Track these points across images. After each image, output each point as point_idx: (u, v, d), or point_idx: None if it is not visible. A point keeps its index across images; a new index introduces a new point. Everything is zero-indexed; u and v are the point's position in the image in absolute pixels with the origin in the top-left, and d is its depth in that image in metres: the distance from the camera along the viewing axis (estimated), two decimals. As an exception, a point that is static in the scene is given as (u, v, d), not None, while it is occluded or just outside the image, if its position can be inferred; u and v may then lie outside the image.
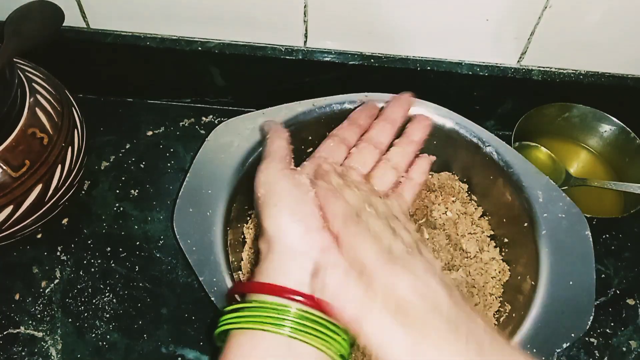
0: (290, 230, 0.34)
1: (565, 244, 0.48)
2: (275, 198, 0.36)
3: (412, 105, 0.50)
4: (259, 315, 0.31)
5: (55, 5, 0.54)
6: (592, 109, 0.63)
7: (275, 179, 0.37)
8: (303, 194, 0.36)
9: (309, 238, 0.34)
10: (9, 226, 0.50)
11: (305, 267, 0.33)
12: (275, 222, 0.35)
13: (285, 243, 0.34)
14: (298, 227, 0.34)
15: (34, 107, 0.50)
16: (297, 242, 0.34)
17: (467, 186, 0.59)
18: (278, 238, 0.34)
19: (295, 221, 0.34)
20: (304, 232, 0.34)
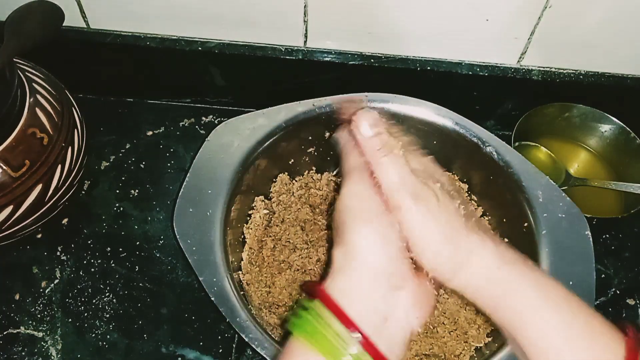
0: (378, 250, 0.34)
1: (565, 244, 0.48)
2: (369, 215, 0.35)
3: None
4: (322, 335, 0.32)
5: (55, 5, 0.54)
6: (592, 109, 0.63)
7: (368, 194, 0.36)
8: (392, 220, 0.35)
9: (394, 264, 0.34)
10: (9, 226, 0.50)
11: (382, 292, 0.33)
12: (364, 238, 0.34)
13: (370, 261, 0.34)
14: (387, 250, 0.34)
15: (34, 107, 0.50)
16: (382, 263, 0.34)
17: (467, 186, 0.59)
18: (363, 255, 0.34)
19: (385, 243, 0.34)
20: (390, 257, 0.34)
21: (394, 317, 0.33)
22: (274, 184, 0.58)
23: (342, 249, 0.35)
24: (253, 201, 0.56)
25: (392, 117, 0.55)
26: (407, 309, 0.34)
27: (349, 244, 0.34)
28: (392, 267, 0.34)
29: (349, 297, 0.33)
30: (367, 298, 0.33)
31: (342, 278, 0.34)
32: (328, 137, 0.55)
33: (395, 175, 0.35)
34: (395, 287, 0.34)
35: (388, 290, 0.33)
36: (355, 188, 0.36)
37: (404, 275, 0.34)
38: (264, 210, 0.56)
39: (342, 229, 0.35)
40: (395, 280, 0.34)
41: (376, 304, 0.33)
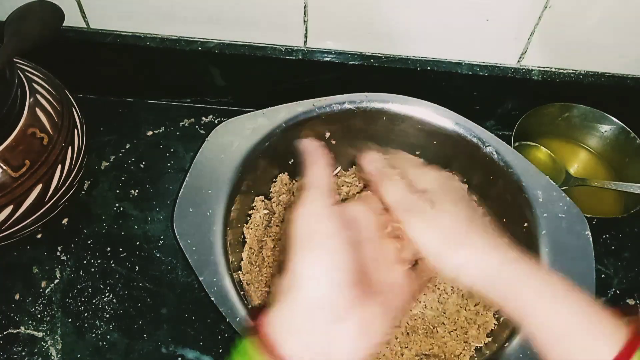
0: (322, 280, 0.32)
1: (565, 244, 0.48)
2: (316, 240, 0.33)
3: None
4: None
5: (55, 5, 0.54)
6: (592, 109, 0.63)
7: (321, 216, 0.34)
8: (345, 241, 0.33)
9: (338, 294, 0.32)
10: (9, 226, 0.50)
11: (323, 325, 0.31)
12: (309, 267, 0.32)
13: (312, 292, 0.32)
14: (333, 278, 0.32)
15: (34, 107, 0.50)
16: (325, 294, 0.32)
17: (467, 186, 0.58)
18: (306, 286, 0.32)
19: (329, 273, 0.32)
20: (335, 286, 0.32)
21: (337, 351, 0.31)
22: (274, 184, 0.58)
23: (285, 277, 0.33)
24: (253, 201, 0.56)
25: (392, 119, 0.55)
26: (352, 340, 0.32)
27: (293, 272, 0.32)
28: (336, 297, 0.32)
29: (287, 332, 0.31)
30: (307, 333, 0.31)
31: (282, 311, 0.32)
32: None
33: (393, 196, 0.38)
34: (339, 319, 0.31)
35: (331, 323, 0.31)
36: (310, 208, 0.34)
37: (349, 304, 0.32)
38: (264, 210, 0.56)
39: (289, 255, 0.33)
40: (339, 312, 0.31)
41: (317, 339, 0.31)
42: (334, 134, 0.57)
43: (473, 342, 0.50)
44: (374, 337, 0.33)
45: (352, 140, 0.59)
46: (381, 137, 0.58)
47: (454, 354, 0.49)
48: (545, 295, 0.35)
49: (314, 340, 0.31)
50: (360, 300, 0.32)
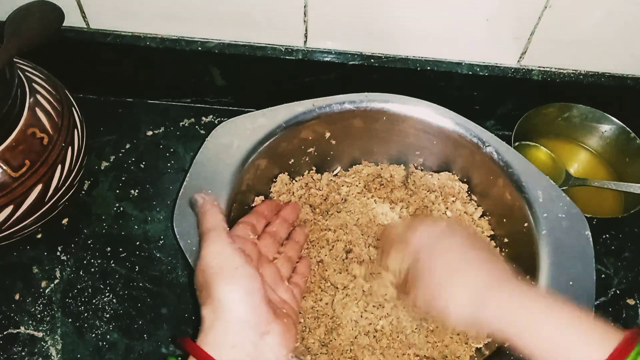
0: (243, 302, 0.37)
1: (565, 244, 0.48)
2: (230, 270, 0.38)
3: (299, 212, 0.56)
4: None
5: (55, 5, 0.55)
6: (592, 109, 0.63)
7: (228, 251, 0.40)
8: (254, 271, 0.39)
9: (258, 312, 0.38)
10: (9, 226, 0.50)
11: (251, 339, 0.37)
12: (229, 293, 0.37)
13: (236, 312, 0.37)
14: (250, 300, 0.38)
15: (34, 107, 0.50)
16: (248, 313, 0.37)
17: (467, 186, 0.59)
18: (229, 309, 0.37)
19: (248, 294, 0.38)
20: (255, 306, 0.38)
21: (264, 357, 0.37)
22: (274, 184, 0.58)
23: (210, 307, 0.38)
24: (253, 201, 0.56)
25: (392, 119, 0.55)
26: (275, 350, 0.37)
27: (216, 300, 0.37)
28: (257, 315, 0.37)
29: (220, 349, 0.36)
30: (238, 347, 0.36)
31: (213, 333, 0.37)
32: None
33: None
34: (262, 332, 0.37)
35: (256, 336, 0.37)
36: (215, 247, 0.40)
37: (268, 320, 0.38)
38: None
39: (207, 288, 0.38)
40: (261, 327, 0.37)
41: (247, 351, 0.36)
42: (334, 134, 0.57)
43: (473, 343, 0.50)
44: (292, 343, 0.39)
45: (352, 140, 0.59)
46: (381, 137, 0.58)
47: (455, 355, 0.49)
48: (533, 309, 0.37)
49: (246, 352, 0.36)
50: (272, 315, 0.38)
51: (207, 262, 0.39)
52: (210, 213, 0.43)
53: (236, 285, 0.38)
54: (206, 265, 0.39)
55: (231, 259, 0.39)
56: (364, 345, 0.49)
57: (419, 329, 0.50)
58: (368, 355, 0.48)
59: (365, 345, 0.49)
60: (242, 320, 0.37)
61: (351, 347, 0.49)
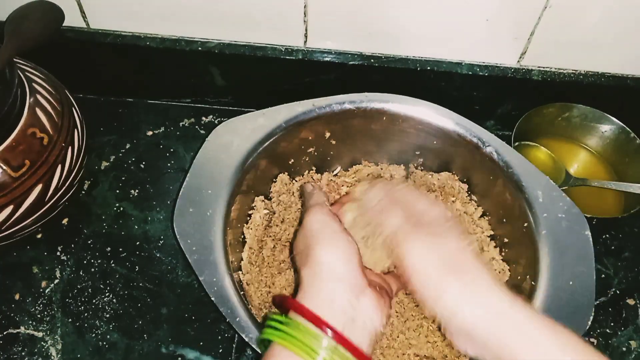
0: (341, 262, 0.39)
1: (565, 244, 0.48)
2: (331, 234, 0.41)
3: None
4: (296, 338, 0.35)
5: (55, 5, 0.55)
6: (592, 109, 0.63)
7: (331, 220, 0.42)
8: (352, 239, 0.41)
9: (354, 275, 0.39)
10: (9, 226, 0.50)
11: (348, 298, 0.37)
12: (329, 254, 0.39)
13: (335, 271, 0.38)
14: (348, 262, 0.39)
15: (34, 107, 0.50)
16: (345, 273, 0.38)
17: (467, 186, 0.59)
18: (329, 268, 0.38)
19: (346, 257, 0.39)
20: (351, 269, 0.39)
21: (360, 318, 0.37)
22: (274, 184, 0.58)
23: (309, 268, 0.39)
24: (253, 201, 0.56)
25: (392, 119, 0.55)
26: (369, 312, 0.38)
27: (316, 262, 0.39)
28: (354, 277, 0.38)
29: (320, 304, 0.37)
30: (336, 304, 0.37)
31: (312, 290, 0.38)
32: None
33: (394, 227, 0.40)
34: (358, 294, 0.38)
35: (352, 297, 0.37)
36: (317, 217, 0.42)
37: (362, 284, 0.38)
38: (264, 210, 0.56)
39: (307, 252, 0.40)
40: (357, 289, 0.38)
41: (344, 308, 0.37)
42: (334, 134, 0.57)
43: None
44: (386, 310, 0.39)
45: (352, 140, 0.59)
46: (381, 137, 0.58)
47: (455, 355, 0.49)
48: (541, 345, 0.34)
49: (343, 309, 0.37)
50: (367, 282, 0.39)
51: (308, 228, 0.42)
52: (316, 193, 0.47)
53: (334, 248, 0.39)
54: (308, 230, 0.41)
55: (331, 225, 0.41)
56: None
57: (419, 329, 0.50)
58: (368, 355, 0.48)
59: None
60: (339, 279, 0.38)
61: (351, 347, 0.49)
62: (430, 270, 0.37)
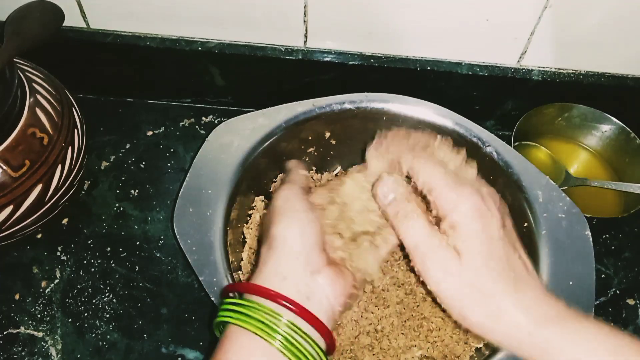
0: (297, 238, 0.37)
1: (565, 244, 0.48)
2: (292, 211, 0.39)
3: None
4: (255, 318, 0.34)
5: (55, 5, 0.55)
6: (592, 109, 0.63)
7: (296, 198, 0.41)
8: (315, 219, 0.39)
9: (310, 252, 0.37)
10: (9, 226, 0.50)
11: (302, 275, 0.36)
12: (286, 229, 0.38)
13: (290, 247, 0.37)
14: (305, 239, 0.38)
15: (34, 107, 0.50)
16: (301, 250, 0.37)
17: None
18: (284, 243, 0.37)
19: (304, 234, 0.38)
20: (308, 246, 0.37)
21: (315, 297, 0.36)
22: (274, 184, 0.58)
23: (266, 244, 0.38)
24: (253, 201, 0.56)
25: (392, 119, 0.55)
26: (325, 291, 0.36)
27: (273, 236, 0.38)
28: (309, 254, 0.37)
29: (273, 282, 0.36)
30: (289, 280, 0.36)
31: (265, 269, 0.37)
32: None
33: (411, 240, 0.36)
34: (313, 271, 0.37)
35: (307, 274, 0.36)
36: (284, 193, 0.41)
37: (320, 262, 0.37)
38: (264, 210, 0.56)
39: (268, 227, 0.39)
40: (312, 266, 0.37)
41: (298, 285, 0.36)
42: (334, 134, 0.57)
43: (473, 343, 0.50)
44: (345, 289, 0.38)
45: (352, 140, 0.59)
46: (381, 137, 0.58)
47: (455, 355, 0.49)
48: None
49: (297, 286, 0.36)
50: (325, 261, 0.38)
51: (273, 204, 0.41)
52: (293, 172, 0.46)
53: (293, 225, 0.38)
54: (272, 206, 0.40)
55: (295, 203, 0.40)
56: (364, 345, 0.49)
57: (419, 329, 0.50)
58: (368, 355, 0.48)
59: (366, 345, 0.49)
60: (293, 255, 0.37)
61: (351, 347, 0.49)
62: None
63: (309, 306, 0.35)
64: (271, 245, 0.38)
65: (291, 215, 0.39)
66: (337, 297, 0.37)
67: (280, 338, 0.33)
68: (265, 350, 0.34)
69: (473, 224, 0.35)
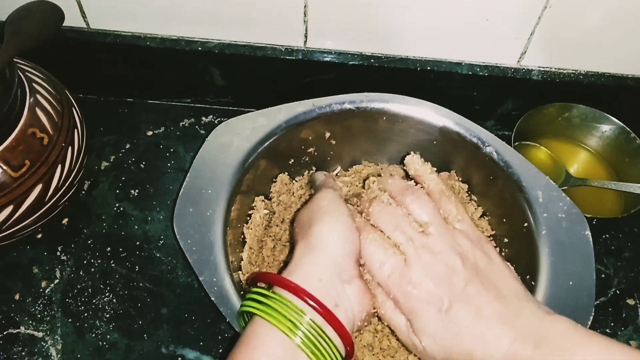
0: (339, 243, 0.38)
1: (565, 244, 0.48)
2: (338, 213, 0.40)
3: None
4: (280, 312, 0.34)
5: (55, 5, 0.55)
6: (592, 109, 0.63)
7: (340, 202, 0.41)
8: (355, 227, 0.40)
9: (347, 260, 0.38)
10: (9, 226, 0.50)
11: (335, 281, 0.36)
12: (330, 230, 0.38)
13: (329, 250, 0.37)
14: (346, 246, 0.38)
15: (34, 107, 0.50)
16: (339, 256, 0.37)
17: (467, 186, 0.59)
18: (325, 244, 0.38)
19: (346, 240, 0.38)
20: (345, 254, 0.38)
21: (342, 305, 0.36)
22: (274, 184, 0.58)
23: (305, 240, 0.38)
24: (253, 201, 0.56)
25: (392, 119, 0.55)
26: (352, 302, 0.37)
27: (314, 234, 0.38)
28: (345, 263, 0.37)
29: (307, 279, 0.36)
30: (324, 282, 0.36)
31: (301, 264, 0.37)
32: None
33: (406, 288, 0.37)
34: (344, 280, 0.37)
35: (339, 282, 0.37)
36: (329, 195, 0.42)
37: (352, 273, 0.38)
38: (264, 210, 0.56)
39: (308, 225, 0.39)
40: (345, 275, 0.37)
41: (329, 290, 0.36)
42: (334, 134, 0.57)
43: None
44: (368, 304, 0.38)
45: (352, 140, 0.59)
46: (381, 137, 0.58)
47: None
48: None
49: (328, 290, 0.36)
50: (357, 272, 0.38)
51: (317, 203, 0.41)
52: (330, 180, 0.47)
53: (337, 227, 0.38)
54: (316, 204, 0.41)
55: (340, 207, 0.40)
56: (364, 345, 0.49)
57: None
58: (368, 355, 0.48)
59: (366, 345, 0.49)
60: (331, 259, 0.37)
61: (351, 347, 0.49)
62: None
63: (336, 312, 0.35)
64: (310, 243, 0.38)
65: (337, 217, 0.39)
66: (361, 312, 0.37)
67: (301, 335, 0.34)
68: (286, 346, 0.34)
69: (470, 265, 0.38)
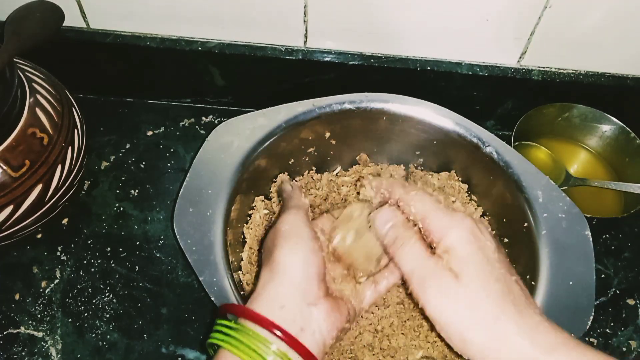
0: (300, 267, 0.38)
1: (565, 244, 0.48)
2: (297, 238, 0.40)
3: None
4: (245, 343, 0.35)
5: (55, 5, 0.55)
6: (592, 109, 0.63)
7: (302, 224, 0.41)
8: (318, 248, 0.40)
9: (310, 282, 0.38)
10: (9, 226, 0.50)
11: (299, 305, 0.37)
12: (290, 255, 0.39)
13: (291, 275, 0.38)
14: (307, 269, 0.38)
15: (34, 107, 0.50)
16: (301, 280, 0.38)
17: (467, 186, 0.59)
18: (286, 270, 0.38)
19: (306, 263, 0.38)
20: (308, 276, 0.38)
21: (309, 328, 0.36)
22: (274, 184, 0.58)
23: (267, 267, 0.39)
24: (253, 201, 0.56)
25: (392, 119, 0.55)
26: (319, 323, 0.37)
27: (275, 260, 0.39)
28: (308, 285, 0.38)
29: (270, 308, 0.36)
30: (287, 309, 0.36)
31: (265, 292, 0.38)
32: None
33: (409, 265, 0.36)
34: (310, 303, 0.37)
35: (304, 305, 0.37)
36: (291, 218, 0.42)
37: (317, 294, 0.38)
38: (264, 210, 0.56)
39: (271, 250, 0.40)
40: (310, 298, 0.37)
41: (294, 315, 0.36)
42: (334, 134, 0.57)
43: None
44: (338, 323, 0.38)
45: (352, 140, 0.59)
46: (381, 137, 0.58)
47: (455, 355, 0.49)
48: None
49: (293, 315, 0.36)
50: (323, 292, 0.38)
51: (278, 227, 0.41)
52: (296, 196, 0.46)
53: (297, 251, 0.39)
54: (277, 229, 0.41)
55: (301, 230, 0.40)
56: (364, 345, 0.49)
57: (419, 329, 0.50)
58: (368, 355, 0.48)
59: (366, 345, 0.49)
60: (293, 285, 0.37)
61: (351, 347, 0.49)
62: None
63: (301, 337, 0.36)
64: (272, 269, 0.38)
65: (296, 241, 0.39)
66: (330, 331, 0.37)
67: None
68: None
69: (468, 246, 0.35)
